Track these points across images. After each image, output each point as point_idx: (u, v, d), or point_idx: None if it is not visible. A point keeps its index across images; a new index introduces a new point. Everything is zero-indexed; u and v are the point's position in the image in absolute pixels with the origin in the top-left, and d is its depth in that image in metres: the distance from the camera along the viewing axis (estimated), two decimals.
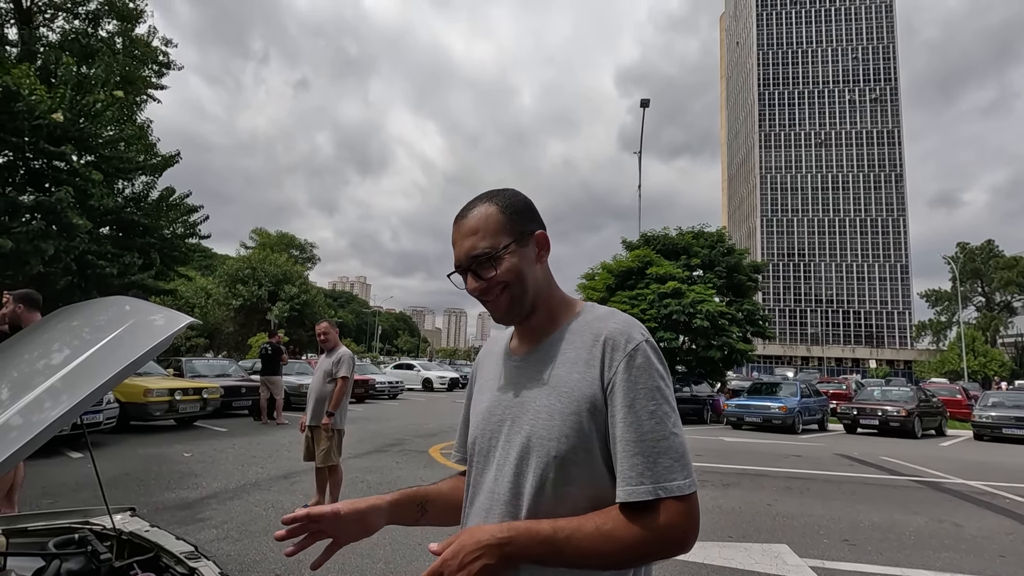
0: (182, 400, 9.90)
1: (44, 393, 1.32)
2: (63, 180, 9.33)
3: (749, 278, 22.42)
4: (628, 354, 0.88)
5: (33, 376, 1.48)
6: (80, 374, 1.35)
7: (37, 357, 1.64)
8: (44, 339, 1.74)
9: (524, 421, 0.92)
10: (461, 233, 0.96)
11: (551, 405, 0.90)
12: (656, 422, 0.84)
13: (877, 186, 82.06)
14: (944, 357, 48.19)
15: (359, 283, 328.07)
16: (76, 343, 1.60)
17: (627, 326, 0.92)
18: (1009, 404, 15.57)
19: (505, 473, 0.92)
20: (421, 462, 7.81)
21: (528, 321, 0.99)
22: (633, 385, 0.86)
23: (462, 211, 0.99)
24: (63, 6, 14.91)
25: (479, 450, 0.99)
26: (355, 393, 17.88)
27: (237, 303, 36.07)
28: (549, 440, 0.88)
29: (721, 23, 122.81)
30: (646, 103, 22.97)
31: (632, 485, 0.82)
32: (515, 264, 0.95)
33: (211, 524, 4.61)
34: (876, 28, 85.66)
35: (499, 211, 0.96)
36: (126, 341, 1.46)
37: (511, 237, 0.95)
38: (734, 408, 15.50)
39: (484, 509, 0.93)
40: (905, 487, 7.62)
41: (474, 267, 0.95)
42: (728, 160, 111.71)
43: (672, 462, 0.83)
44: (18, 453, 1.13)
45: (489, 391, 1.02)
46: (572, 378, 0.90)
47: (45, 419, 1.20)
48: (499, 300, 0.96)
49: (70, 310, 1.89)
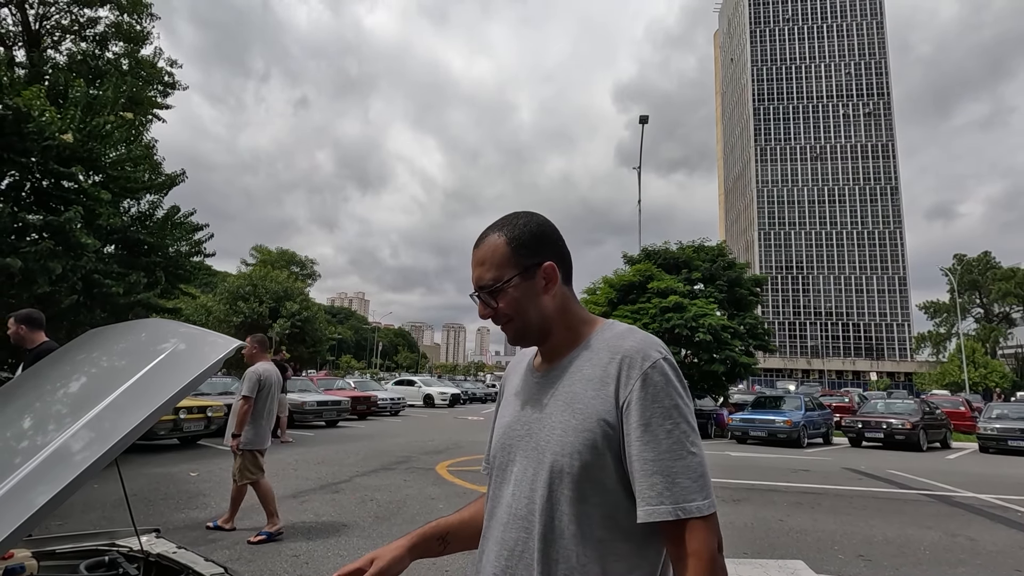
0: (186, 419, 9.86)
1: (86, 426, 1.25)
2: (72, 200, 9.39)
3: (750, 292, 22.48)
4: (644, 372, 0.87)
5: (73, 406, 1.43)
6: (124, 404, 1.30)
7: (73, 386, 1.61)
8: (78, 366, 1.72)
9: (540, 437, 0.93)
10: (473, 261, 1.00)
11: (566, 422, 0.90)
12: (673, 441, 0.84)
13: (873, 199, 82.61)
14: (944, 369, 48.08)
15: (358, 299, 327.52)
16: (115, 371, 1.53)
17: (644, 343, 0.91)
18: (1014, 416, 15.53)
19: (522, 488, 0.93)
20: (429, 479, 7.76)
21: (546, 343, 1.02)
22: (650, 404, 0.85)
23: (478, 238, 1.02)
24: (71, 28, 15.13)
25: (499, 464, 1.01)
26: (357, 410, 17.79)
27: (238, 320, 35.99)
28: (563, 456, 0.88)
29: (715, 40, 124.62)
30: (645, 119, 23.22)
31: (652, 505, 0.82)
32: (516, 299, 0.97)
33: (222, 544, 4.58)
34: (868, 44, 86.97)
35: (505, 243, 0.97)
36: (172, 368, 1.40)
37: (515, 271, 0.96)
38: (739, 422, 15.44)
39: (502, 523, 0.94)
40: (916, 501, 7.58)
41: (481, 296, 0.99)
42: (725, 174, 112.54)
43: (690, 483, 0.82)
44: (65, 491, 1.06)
45: (511, 405, 1.04)
46: (587, 395, 0.91)
47: (91, 454, 1.14)
48: (506, 328, 1.00)
49: (100, 334, 1.86)
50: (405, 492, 6.84)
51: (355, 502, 6.21)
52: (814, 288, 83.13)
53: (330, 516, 5.58)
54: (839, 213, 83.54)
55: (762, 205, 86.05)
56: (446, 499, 6.49)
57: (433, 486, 7.32)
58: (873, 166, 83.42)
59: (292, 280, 42.03)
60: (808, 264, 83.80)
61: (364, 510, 5.87)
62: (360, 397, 18.38)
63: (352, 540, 4.82)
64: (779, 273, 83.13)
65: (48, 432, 1.31)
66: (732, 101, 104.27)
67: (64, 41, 15.18)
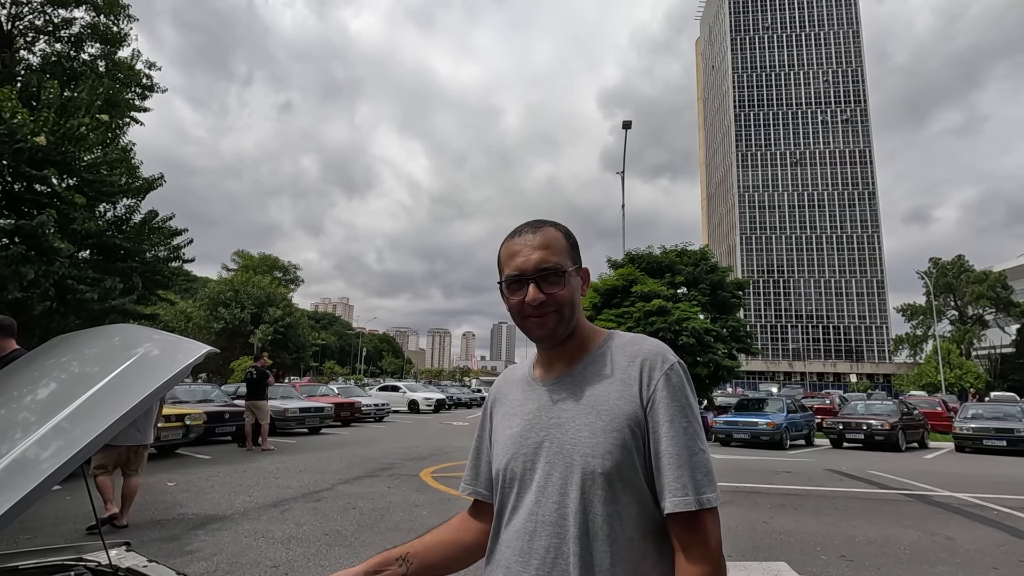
0: (164, 427, 9.61)
1: (51, 431, 1.22)
2: (45, 204, 9.16)
3: (732, 295, 22.73)
4: (665, 373, 0.92)
5: (39, 411, 1.39)
6: (90, 409, 1.26)
7: (39, 391, 1.56)
8: (45, 371, 1.67)
9: (565, 441, 0.93)
10: (528, 245, 0.98)
11: (592, 423, 0.91)
12: (689, 438, 0.89)
13: (851, 203, 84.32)
14: (921, 370, 49.07)
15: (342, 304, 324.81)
16: (82, 376, 1.51)
17: (660, 348, 0.97)
18: (988, 416, 15.88)
19: (548, 495, 0.92)
20: (413, 486, 7.67)
21: (562, 346, 1.01)
22: (672, 402, 0.90)
23: (524, 228, 1.01)
24: (45, 29, 14.81)
25: (512, 475, 0.98)
26: (341, 416, 17.59)
27: (219, 327, 35.43)
28: (594, 458, 0.89)
29: (697, 47, 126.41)
30: (628, 125, 23.40)
31: (679, 496, 0.86)
32: (573, 289, 0.99)
33: (200, 556, 4.47)
34: (845, 52, 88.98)
35: (564, 237, 1.02)
36: (139, 373, 1.38)
37: (573, 264, 1.00)
38: (722, 425, 15.55)
39: (528, 532, 0.93)
40: (896, 501, 7.69)
41: (540, 279, 0.96)
42: (707, 179, 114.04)
43: (703, 476, 0.88)
44: (27, 498, 1.04)
45: (519, 416, 1.02)
46: (611, 396, 0.93)
47: (56, 461, 1.11)
48: (548, 318, 0.97)
49: (70, 339, 1.81)
50: (389, 499, 6.75)
51: (338, 510, 6.11)
52: (795, 291, 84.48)
53: (312, 525, 5.48)
54: (818, 217, 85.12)
55: (743, 210, 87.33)
56: (430, 506, 6.42)
57: (417, 493, 7.23)
58: (851, 171, 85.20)
59: (275, 286, 41.54)
60: (789, 268, 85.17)
61: (347, 518, 5.78)
62: (344, 403, 18.17)
63: (334, 549, 4.72)
64: (761, 277, 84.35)
65: (12, 439, 1.27)
66: (714, 107, 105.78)
67: (38, 42, 14.84)
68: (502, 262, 1.01)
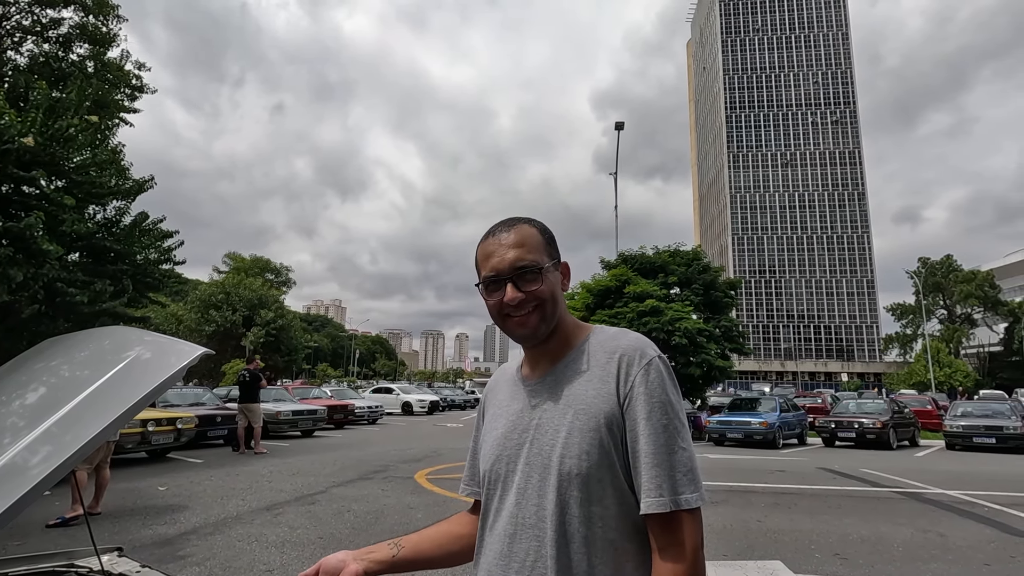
0: (155, 431, 9.53)
1: (41, 436, 1.21)
2: (33, 205, 9.02)
3: (725, 295, 22.85)
4: (643, 368, 0.89)
5: (28, 416, 1.36)
6: (81, 414, 1.25)
7: (29, 396, 1.54)
8: (35, 375, 1.64)
9: (544, 442, 0.92)
10: (503, 245, 0.96)
11: (570, 423, 0.90)
12: (668, 436, 0.86)
13: (842, 204, 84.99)
14: (911, 369, 49.52)
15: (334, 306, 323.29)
16: (73, 380, 1.50)
17: (640, 343, 0.94)
18: (978, 414, 16.05)
19: (528, 496, 0.91)
20: (407, 488, 7.64)
21: (545, 344, 1.00)
22: (649, 398, 0.87)
23: (498, 228, 1.00)
24: (32, 29, 14.63)
25: (496, 476, 0.97)
26: (334, 419, 17.50)
27: (210, 329, 35.17)
28: (570, 458, 0.87)
29: (689, 49, 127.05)
30: (620, 126, 23.46)
31: (652, 497, 0.84)
32: (552, 284, 0.97)
33: (193, 561, 4.42)
34: (835, 54, 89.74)
35: (539, 233, 1.00)
36: (132, 376, 1.37)
37: (550, 259, 0.99)
38: (716, 424, 15.62)
39: (508, 535, 0.92)
40: (889, 499, 7.75)
41: (516, 278, 0.95)
42: (699, 180, 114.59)
43: (682, 476, 0.85)
44: (17, 504, 1.04)
45: (504, 417, 1.01)
46: (588, 394, 0.91)
47: (46, 467, 1.10)
48: (530, 317, 0.96)
49: (60, 342, 1.79)
50: (383, 502, 6.71)
51: (331, 513, 6.07)
52: (786, 291, 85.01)
53: (305, 528, 5.44)
54: (809, 218, 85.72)
55: (735, 210, 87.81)
56: (425, 508, 6.39)
57: (412, 495, 7.20)
58: (841, 172, 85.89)
59: (266, 288, 41.29)
60: (780, 268, 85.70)
61: (341, 521, 5.74)
62: (337, 406, 18.07)
63: (328, 553, 4.69)
64: (752, 277, 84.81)
65: (1, 445, 1.24)
66: (705, 109, 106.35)
67: (25, 42, 14.65)
68: (479, 263, 0.99)
